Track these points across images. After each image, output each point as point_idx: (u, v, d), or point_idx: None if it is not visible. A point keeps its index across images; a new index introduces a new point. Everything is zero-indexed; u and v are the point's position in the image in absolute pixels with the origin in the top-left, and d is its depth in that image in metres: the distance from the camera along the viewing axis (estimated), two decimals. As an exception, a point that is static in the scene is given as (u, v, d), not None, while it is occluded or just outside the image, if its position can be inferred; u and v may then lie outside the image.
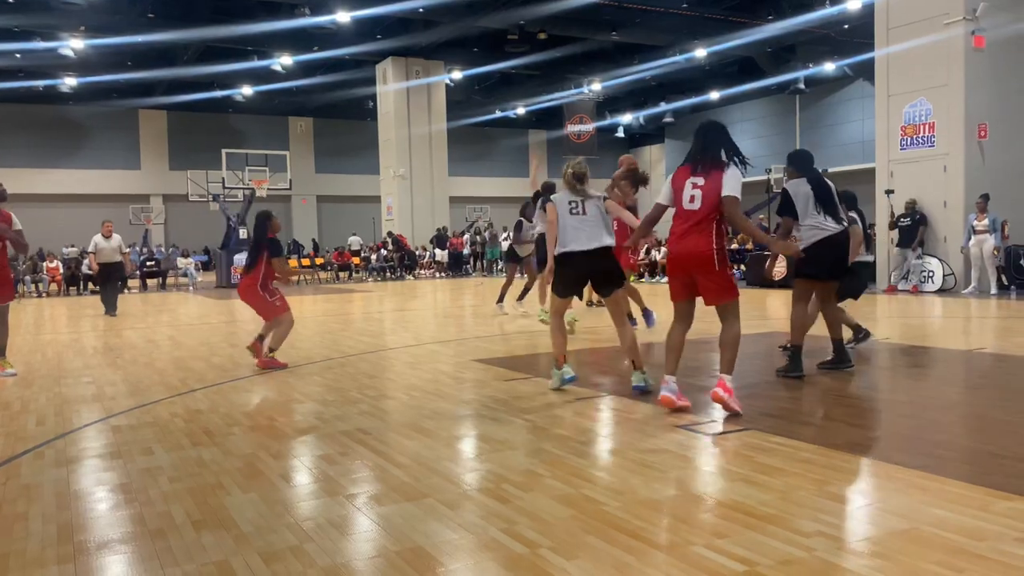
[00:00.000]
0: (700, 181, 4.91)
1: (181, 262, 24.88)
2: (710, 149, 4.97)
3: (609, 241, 5.73)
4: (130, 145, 37.18)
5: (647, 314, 9.41)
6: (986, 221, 13.43)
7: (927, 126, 14.60)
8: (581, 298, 9.54)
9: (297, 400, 5.92)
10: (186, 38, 24.19)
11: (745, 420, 4.85)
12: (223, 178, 23.86)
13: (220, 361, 8.06)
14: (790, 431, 4.52)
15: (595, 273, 5.80)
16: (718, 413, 5.07)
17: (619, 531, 3.08)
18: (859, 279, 7.50)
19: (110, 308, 13.96)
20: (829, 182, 6.30)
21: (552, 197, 6.01)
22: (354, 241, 30.16)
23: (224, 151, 24.30)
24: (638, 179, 8.08)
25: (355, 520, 3.33)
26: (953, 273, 14.29)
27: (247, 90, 31.90)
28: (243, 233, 22.78)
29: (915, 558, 2.75)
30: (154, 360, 8.29)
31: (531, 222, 10.87)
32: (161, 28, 23.34)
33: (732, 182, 4.87)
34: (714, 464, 4.08)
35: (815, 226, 6.13)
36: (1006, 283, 13.91)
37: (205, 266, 31.10)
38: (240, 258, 22.31)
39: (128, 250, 16.09)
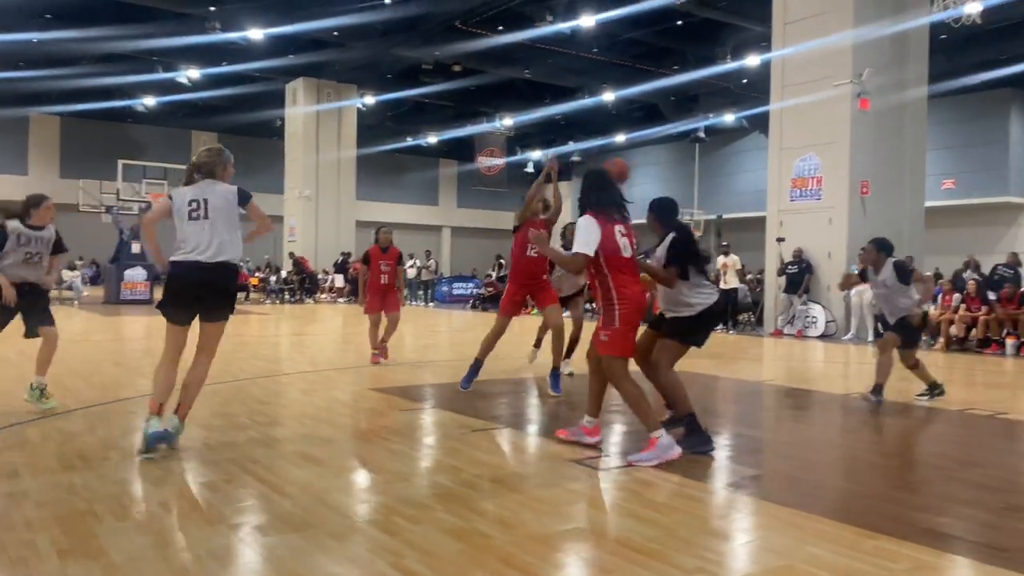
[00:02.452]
0: (624, 229, 4.84)
1: (67, 274, 23.60)
2: (621, 196, 4.96)
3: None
4: (18, 149, 35.23)
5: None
6: (866, 272, 14.22)
7: (815, 180, 15.43)
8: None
9: (182, 424, 5.68)
10: (85, 43, 23.21)
11: (636, 456, 4.94)
12: (118, 189, 22.86)
13: (102, 380, 7.67)
14: (678, 468, 4.64)
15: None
16: (612, 448, 5.16)
17: (508, 566, 3.08)
18: None
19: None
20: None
21: None
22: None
23: (121, 161, 23.33)
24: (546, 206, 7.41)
25: (237, 551, 3.21)
26: (835, 320, 15.06)
27: (149, 101, 30.81)
28: (135, 247, 21.85)
29: (788, 594, 2.86)
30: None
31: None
32: (58, 29, 22.34)
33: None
34: (604, 499, 4.14)
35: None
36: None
37: (93, 280, 29.60)
38: (131, 273, 21.40)
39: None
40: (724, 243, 18.45)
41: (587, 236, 4.65)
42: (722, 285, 15.37)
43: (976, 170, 26.61)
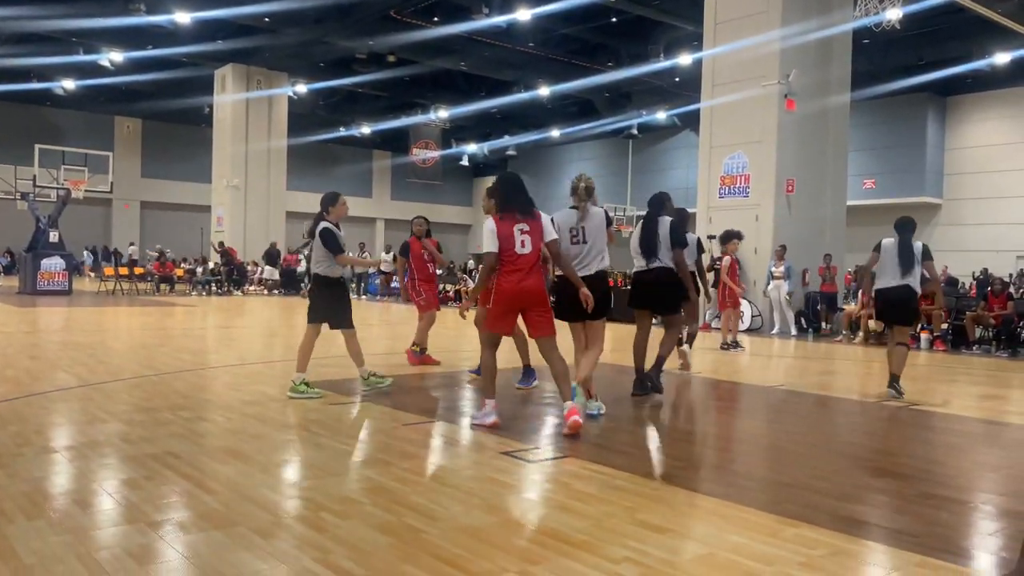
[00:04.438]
0: (526, 227, 5.42)
1: (-23, 264, 22.53)
2: (526, 198, 5.56)
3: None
4: (-78, 131, 33.49)
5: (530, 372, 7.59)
6: (783, 268, 14.67)
7: (743, 178, 15.80)
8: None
9: (100, 419, 5.49)
10: (1, 21, 22.15)
11: (565, 448, 5.00)
12: (34, 175, 21.90)
13: (15, 374, 7.35)
14: (606, 459, 4.70)
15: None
16: (542, 440, 5.20)
17: (436, 559, 3.07)
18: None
19: None
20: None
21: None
22: (133, 251, 28.80)
23: (38, 146, 22.34)
24: None
25: (157, 550, 3.12)
26: (760, 315, 15.47)
27: (69, 84, 29.58)
28: (53, 236, 20.98)
29: (711, 582, 2.93)
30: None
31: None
32: (-29, 6, 21.28)
33: (550, 227, 5.60)
34: (533, 491, 4.17)
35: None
36: (804, 326, 15.22)
37: (7, 270, 28.35)
38: (49, 263, 20.54)
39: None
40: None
41: (491, 237, 5.42)
42: None
43: (895, 171, 27.70)
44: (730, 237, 12.01)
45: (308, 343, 6.76)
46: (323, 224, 6.60)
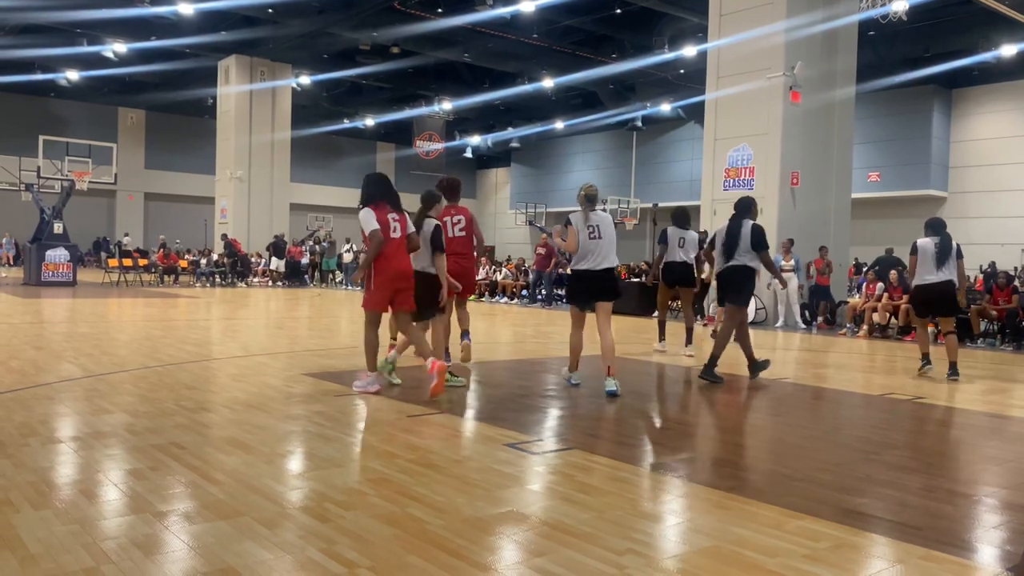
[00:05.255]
0: (396, 216, 6.37)
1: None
2: (395, 194, 6.53)
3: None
4: (-73, 122, 33.53)
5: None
6: (792, 261, 14.64)
7: (748, 170, 15.76)
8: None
9: (105, 410, 5.51)
10: (5, 12, 22.13)
11: (569, 439, 5.01)
12: (39, 166, 21.92)
13: (20, 365, 7.37)
14: (610, 451, 4.71)
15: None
16: (546, 432, 5.21)
17: (441, 550, 3.08)
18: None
19: None
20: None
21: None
22: (128, 241, 28.80)
23: (42, 137, 22.36)
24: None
25: (162, 540, 3.13)
26: (765, 308, 15.44)
27: (73, 75, 29.56)
28: (58, 227, 21.02)
29: (715, 574, 2.93)
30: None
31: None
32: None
33: (411, 222, 6.54)
34: (537, 482, 4.17)
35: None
36: (809, 319, 15.20)
37: (15, 260, 28.43)
38: (53, 254, 20.58)
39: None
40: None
41: (372, 220, 6.23)
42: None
43: (899, 164, 27.60)
44: None
45: (437, 334, 6.98)
46: (436, 222, 6.87)
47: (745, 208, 7.89)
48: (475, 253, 7.84)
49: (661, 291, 10.44)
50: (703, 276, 12.33)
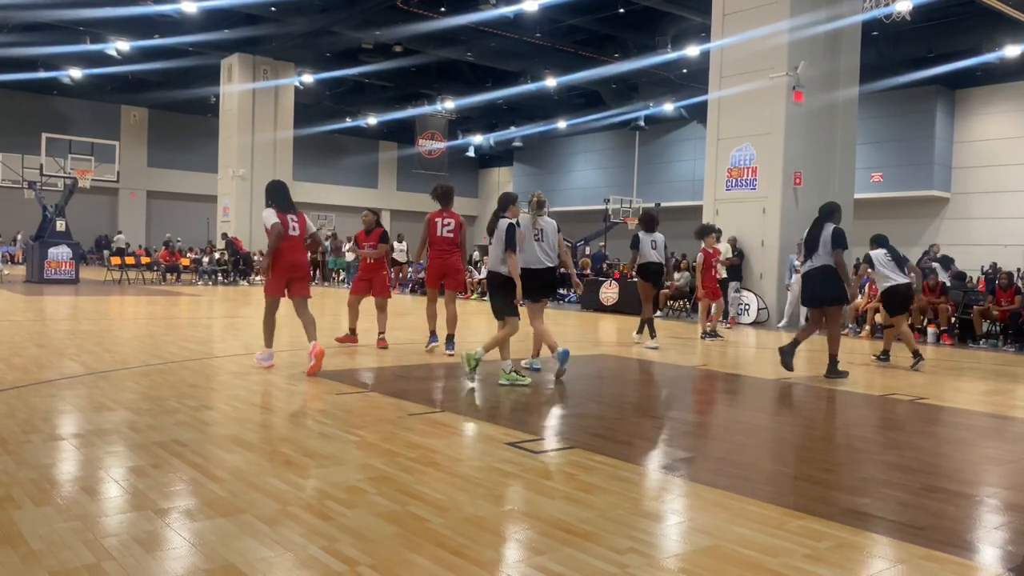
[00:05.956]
0: (295, 217, 7.39)
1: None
2: (290, 199, 7.55)
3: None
4: (-70, 119, 33.56)
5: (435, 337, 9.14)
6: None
7: (750, 170, 15.75)
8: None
9: (107, 407, 5.51)
10: (8, 10, 22.15)
11: (570, 438, 5.01)
12: (41, 164, 21.94)
13: (22, 362, 7.38)
14: (612, 450, 4.70)
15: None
16: (548, 431, 5.21)
17: (442, 548, 3.08)
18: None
19: None
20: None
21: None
22: (120, 239, 28.80)
23: (45, 135, 22.39)
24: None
25: (164, 537, 3.13)
26: (767, 307, 15.43)
27: (76, 73, 29.58)
28: (60, 225, 21.04)
29: (717, 573, 2.93)
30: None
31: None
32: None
33: (311, 222, 7.66)
34: (539, 481, 4.17)
35: None
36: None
37: (14, 258, 28.47)
38: (56, 252, 20.60)
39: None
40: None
41: (271, 219, 7.23)
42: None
43: (902, 164, 27.55)
44: (707, 231, 12.52)
45: (505, 334, 7.16)
46: (509, 221, 7.11)
47: (829, 213, 8.32)
48: (461, 252, 8.87)
49: (644, 289, 10.91)
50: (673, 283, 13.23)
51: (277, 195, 7.42)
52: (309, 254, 9.06)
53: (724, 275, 15.09)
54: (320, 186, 39.75)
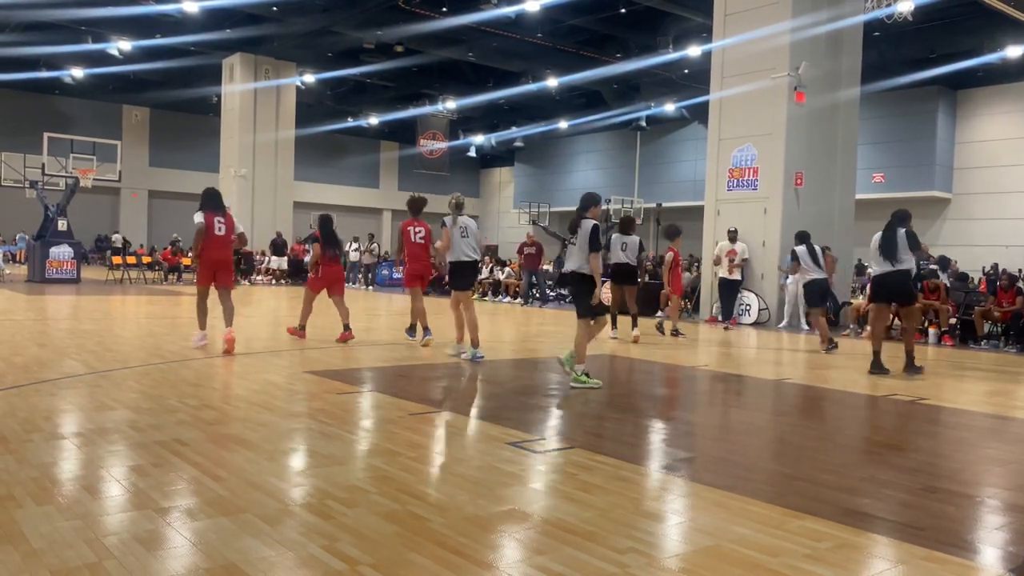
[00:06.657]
0: (222, 219, 8.57)
1: (-14, 252, 22.64)
2: (221, 203, 8.72)
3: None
4: (-69, 119, 33.56)
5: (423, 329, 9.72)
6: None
7: (752, 170, 15.74)
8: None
9: (108, 407, 5.52)
10: (10, 9, 22.15)
11: (571, 438, 5.00)
12: (43, 164, 21.96)
13: (23, 361, 7.39)
14: (612, 450, 4.70)
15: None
16: (548, 431, 5.21)
17: (442, 548, 3.08)
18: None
19: None
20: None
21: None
22: (117, 238, 28.76)
23: (46, 135, 22.39)
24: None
25: (164, 535, 3.14)
26: (768, 308, 15.42)
27: (78, 72, 29.58)
28: (62, 224, 21.05)
29: (717, 573, 2.93)
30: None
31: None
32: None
33: (237, 223, 8.82)
34: (539, 481, 4.17)
35: None
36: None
37: (16, 257, 28.48)
38: (57, 251, 20.61)
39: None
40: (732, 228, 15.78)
41: (199, 220, 8.41)
42: (722, 274, 15.10)
43: (904, 165, 27.51)
44: (674, 233, 12.88)
45: (583, 336, 7.08)
46: (593, 222, 7.03)
47: (900, 219, 8.70)
48: (431, 256, 9.78)
49: (611, 289, 11.94)
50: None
51: (208, 200, 8.62)
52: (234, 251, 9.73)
53: (738, 276, 15.10)
54: (321, 186, 39.74)
